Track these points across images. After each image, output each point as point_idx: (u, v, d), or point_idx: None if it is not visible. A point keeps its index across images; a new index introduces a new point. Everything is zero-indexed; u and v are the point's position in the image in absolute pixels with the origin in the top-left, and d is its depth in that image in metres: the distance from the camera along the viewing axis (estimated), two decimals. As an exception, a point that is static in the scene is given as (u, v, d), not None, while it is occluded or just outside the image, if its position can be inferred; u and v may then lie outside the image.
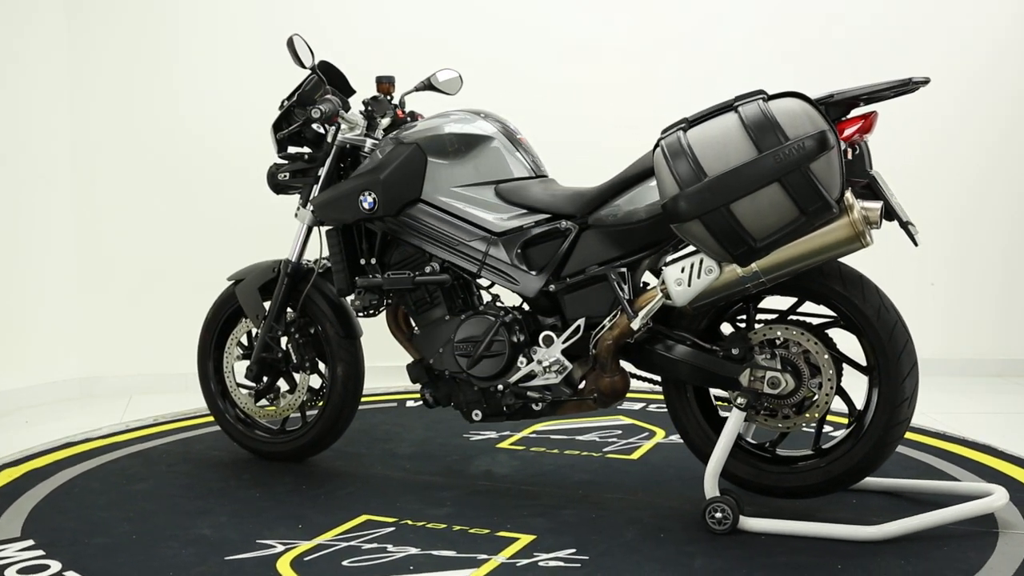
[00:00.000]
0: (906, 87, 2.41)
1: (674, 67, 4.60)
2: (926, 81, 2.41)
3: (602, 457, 3.28)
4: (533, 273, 2.79)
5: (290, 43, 2.98)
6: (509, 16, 4.61)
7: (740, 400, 2.53)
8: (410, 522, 2.65)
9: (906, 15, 4.58)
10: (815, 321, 2.64)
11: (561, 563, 2.35)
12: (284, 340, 3.21)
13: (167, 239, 4.50)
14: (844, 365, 2.61)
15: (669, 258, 2.56)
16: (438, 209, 2.90)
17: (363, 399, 3.26)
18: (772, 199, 2.32)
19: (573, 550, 2.43)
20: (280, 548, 2.47)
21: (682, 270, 2.53)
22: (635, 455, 3.29)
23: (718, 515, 2.52)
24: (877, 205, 2.40)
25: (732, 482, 2.69)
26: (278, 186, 3.19)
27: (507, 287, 2.84)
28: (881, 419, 2.54)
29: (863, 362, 2.61)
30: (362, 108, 3.10)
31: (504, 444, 3.46)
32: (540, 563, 2.35)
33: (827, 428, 2.82)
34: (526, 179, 2.89)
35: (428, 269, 2.91)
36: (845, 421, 2.69)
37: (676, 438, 3.46)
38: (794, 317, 2.65)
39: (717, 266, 2.49)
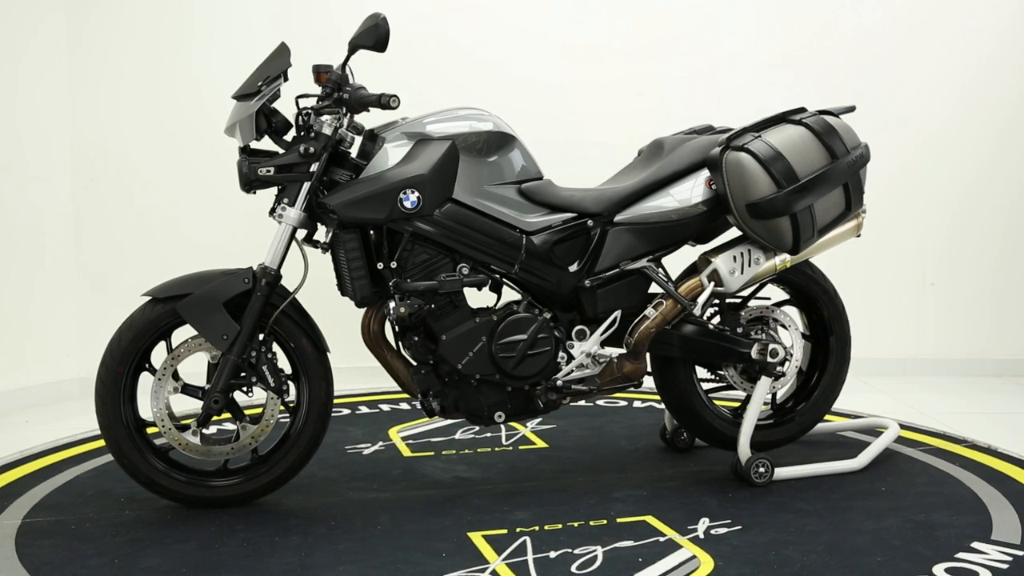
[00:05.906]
0: (844, 112, 3.06)
1: (674, 68, 4.58)
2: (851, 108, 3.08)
3: (516, 450, 3.38)
4: (571, 270, 2.85)
5: (384, 22, 2.59)
6: (509, 17, 4.52)
7: (778, 369, 2.96)
8: (522, 529, 2.56)
9: (906, 17, 4.57)
10: (767, 302, 3.17)
11: (726, 529, 2.55)
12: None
13: (167, 238, 4.44)
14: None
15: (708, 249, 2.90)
16: (470, 209, 2.78)
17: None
18: (835, 198, 2.82)
19: (707, 519, 2.63)
20: None
21: (734, 259, 2.88)
22: (540, 444, 3.45)
23: (761, 469, 2.92)
24: (864, 203, 3.03)
25: (722, 445, 3.08)
26: (252, 183, 2.70)
27: (542, 285, 2.84)
28: (833, 375, 3.18)
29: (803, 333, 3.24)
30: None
31: (407, 453, 3.34)
32: (713, 532, 2.53)
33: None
34: (540, 179, 2.92)
35: (466, 271, 2.78)
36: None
37: (539, 424, 3.70)
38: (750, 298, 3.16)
39: (764, 255, 2.89)
